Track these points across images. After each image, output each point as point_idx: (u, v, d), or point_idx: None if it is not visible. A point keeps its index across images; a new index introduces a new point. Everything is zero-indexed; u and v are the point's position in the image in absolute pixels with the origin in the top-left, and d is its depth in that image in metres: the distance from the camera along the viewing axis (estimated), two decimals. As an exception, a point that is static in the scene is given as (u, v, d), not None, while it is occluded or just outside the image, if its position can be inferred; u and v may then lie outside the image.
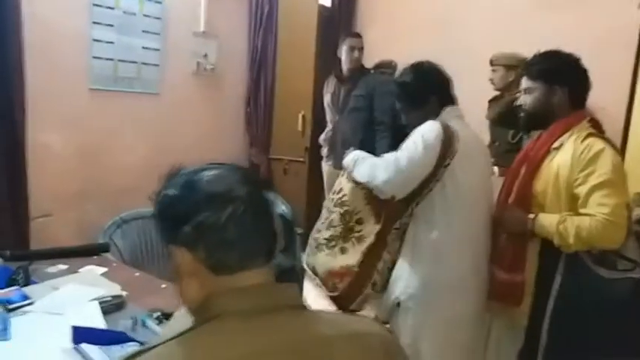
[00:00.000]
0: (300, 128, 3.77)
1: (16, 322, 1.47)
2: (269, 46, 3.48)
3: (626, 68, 3.01)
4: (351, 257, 1.75)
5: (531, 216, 1.61)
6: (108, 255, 2.26)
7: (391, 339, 0.79)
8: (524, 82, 1.72)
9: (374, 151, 3.24)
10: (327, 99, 3.49)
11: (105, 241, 2.50)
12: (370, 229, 1.75)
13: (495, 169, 2.97)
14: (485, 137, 3.16)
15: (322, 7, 3.87)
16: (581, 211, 1.51)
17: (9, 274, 1.77)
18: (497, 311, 1.82)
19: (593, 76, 1.69)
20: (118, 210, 2.70)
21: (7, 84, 2.23)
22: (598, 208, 1.47)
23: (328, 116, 3.49)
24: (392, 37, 3.91)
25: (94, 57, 2.62)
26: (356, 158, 1.83)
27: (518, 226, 1.65)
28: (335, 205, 1.84)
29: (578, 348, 1.55)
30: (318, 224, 1.89)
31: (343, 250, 1.78)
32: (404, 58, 3.65)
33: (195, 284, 0.72)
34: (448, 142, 1.66)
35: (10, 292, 1.65)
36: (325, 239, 1.81)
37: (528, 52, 2.40)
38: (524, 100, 1.72)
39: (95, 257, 2.14)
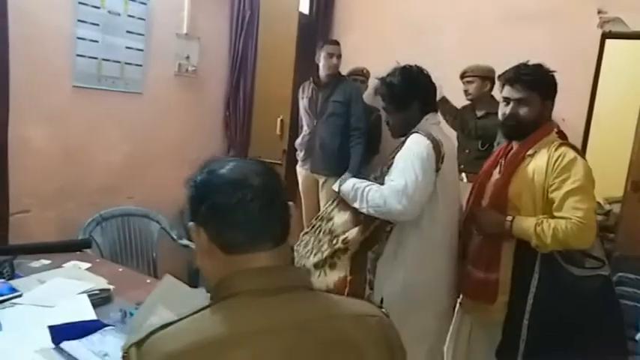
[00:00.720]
0: (278, 132, 3.85)
1: (6, 313, 1.50)
2: (249, 50, 3.55)
3: (586, 82, 3.21)
4: (342, 269, 1.79)
5: (509, 218, 1.69)
6: (88, 251, 2.29)
7: (388, 322, 0.87)
8: (517, 92, 1.72)
9: (349, 156, 3.38)
10: (303, 104, 3.58)
11: (85, 236, 2.53)
12: (355, 239, 1.79)
13: (463, 175, 3.12)
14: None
15: (301, 15, 3.97)
16: (557, 214, 1.61)
17: (-7, 268, 1.79)
18: (469, 308, 1.91)
19: (562, 84, 1.81)
20: (98, 207, 2.73)
21: (-10, 78, 2.23)
22: (573, 212, 1.58)
23: (304, 121, 3.59)
24: (368, 44, 4.03)
25: (78, 55, 2.63)
26: (356, 188, 1.80)
27: (495, 228, 1.73)
28: (324, 234, 1.87)
29: (557, 341, 1.63)
30: (301, 250, 1.90)
31: (332, 266, 1.81)
32: (379, 65, 3.78)
33: (212, 262, 0.81)
34: (438, 155, 1.75)
35: (-3, 285, 1.67)
36: (313, 264, 1.83)
37: (497, 63, 2.56)
38: (517, 109, 1.73)
39: (77, 253, 2.17)
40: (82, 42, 2.63)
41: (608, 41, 3.18)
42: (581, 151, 1.75)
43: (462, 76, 3.17)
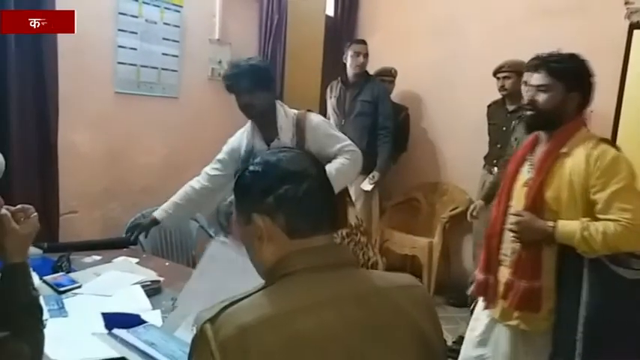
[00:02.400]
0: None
1: (70, 302, 1.63)
2: (278, 52, 3.65)
3: (615, 73, 3.21)
4: None
5: (550, 224, 1.58)
6: (133, 248, 2.42)
7: (428, 293, 0.96)
8: (540, 78, 1.63)
9: (376, 154, 3.45)
10: (331, 103, 3.67)
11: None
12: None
13: (495, 169, 3.15)
14: (485, 139, 3.35)
15: (327, 17, 4.06)
16: (602, 216, 1.51)
17: (52, 263, 1.93)
18: (510, 318, 1.71)
19: None
20: (139, 207, 2.85)
21: (43, 88, 2.37)
22: (620, 214, 1.48)
23: (332, 120, 3.67)
24: (392, 45, 4.09)
25: (119, 62, 2.77)
26: None
27: (537, 235, 1.61)
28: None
29: (615, 347, 1.54)
30: None
31: None
32: (403, 65, 3.88)
33: (272, 247, 0.87)
34: None
35: (58, 277, 1.81)
36: None
37: (526, 59, 2.61)
38: (536, 96, 1.63)
39: (125, 249, 2.30)
40: (122, 50, 2.78)
41: (635, 32, 3.17)
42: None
43: (498, 71, 3.14)
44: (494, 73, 3.18)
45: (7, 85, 2.24)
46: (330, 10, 4.16)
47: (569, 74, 1.60)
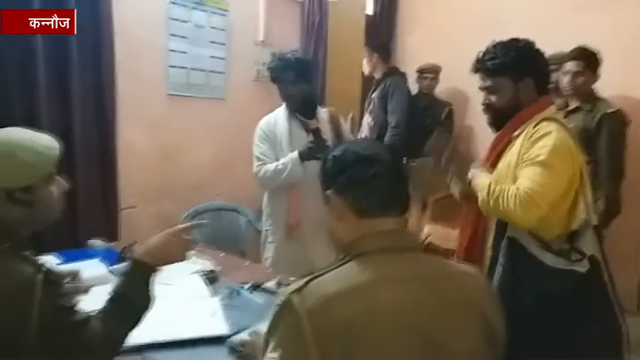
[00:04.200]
0: (349, 128, 4.01)
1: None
2: (319, 52, 3.74)
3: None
4: None
5: (478, 170, 1.56)
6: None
7: (489, 282, 1.02)
8: (483, 81, 1.60)
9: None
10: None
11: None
12: None
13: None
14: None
15: (367, 16, 4.11)
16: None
17: (117, 254, 2.06)
18: None
19: (626, 72, 1.73)
20: (191, 203, 3.00)
21: (102, 90, 2.52)
22: (523, 181, 1.39)
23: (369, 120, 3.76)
24: (432, 42, 4.10)
25: (170, 66, 2.92)
26: None
27: (466, 179, 1.60)
28: None
29: (515, 342, 1.32)
30: None
31: None
32: (444, 61, 3.89)
33: (344, 227, 0.97)
34: None
35: (123, 267, 1.94)
36: None
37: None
38: (489, 98, 1.60)
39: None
40: (173, 54, 2.92)
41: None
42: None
43: None
44: None
45: (70, 90, 2.40)
46: (369, 10, 4.21)
47: (510, 66, 1.53)
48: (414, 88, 3.80)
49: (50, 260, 1.88)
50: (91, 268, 1.85)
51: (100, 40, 2.48)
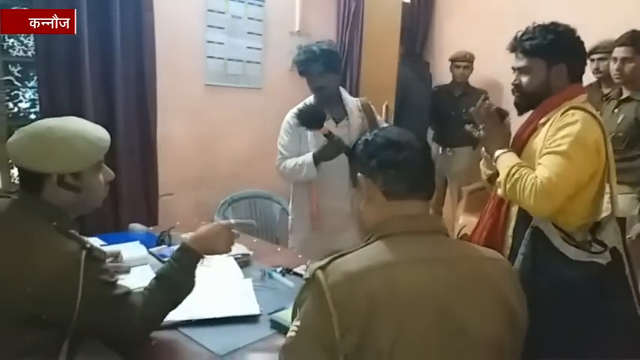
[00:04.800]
0: (383, 117, 4.00)
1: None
2: (355, 41, 3.74)
3: None
4: None
5: (505, 149, 1.52)
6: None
7: (512, 268, 1.03)
8: (517, 60, 1.57)
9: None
10: None
11: (219, 217, 2.88)
12: None
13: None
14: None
15: (404, 4, 4.07)
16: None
17: (156, 238, 2.15)
18: None
19: None
20: (227, 191, 3.08)
21: (143, 82, 2.62)
22: (541, 170, 1.37)
23: None
24: (468, 29, 4.04)
25: (208, 56, 2.99)
26: None
27: (491, 140, 1.57)
28: None
29: (532, 332, 1.28)
30: None
31: None
32: (480, 49, 3.81)
33: (372, 209, 1.02)
34: None
35: (162, 249, 2.03)
36: None
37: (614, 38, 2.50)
38: (519, 79, 1.58)
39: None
40: (211, 45, 2.99)
41: None
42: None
43: (592, 52, 2.90)
44: (588, 55, 2.98)
45: (113, 82, 2.50)
46: (406, -3, 4.17)
47: (547, 48, 1.50)
48: (447, 77, 3.76)
49: (94, 242, 1.98)
50: (131, 250, 1.94)
51: (141, 33, 2.57)
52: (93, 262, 1.18)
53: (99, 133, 1.31)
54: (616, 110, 2.59)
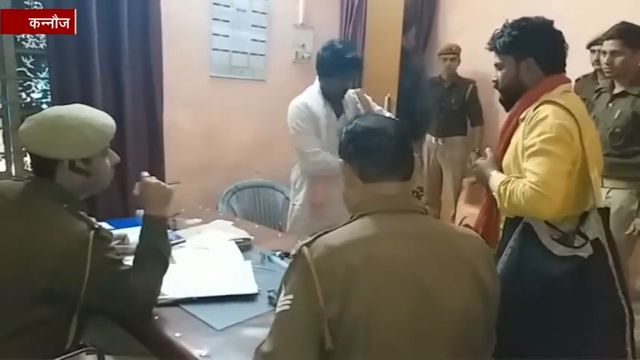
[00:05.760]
0: (386, 108, 4.06)
1: (177, 253, 1.91)
2: (358, 34, 3.80)
3: None
4: None
5: (490, 173, 1.56)
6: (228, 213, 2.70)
7: (486, 245, 1.11)
8: (494, 58, 1.62)
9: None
10: None
11: (223, 205, 2.97)
12: None
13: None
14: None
15: (407, -4, 4.11)
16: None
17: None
18: None
19: None
20: (232, 180, 3.17)
21: (150, 73, 2.70)
22: (529, 176, 1.39)
23: None
24: (472, 21, 4.05)
25: (213, 49, 3.07)
26: None
27: (484, 181, 1.60)
28: None
29: (516, 325, 1.31)
30: None
31: None
32: (484, 42, 3.82)
33: (353, 191, 1.12)
34: None
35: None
36: None
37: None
38: (497, 75, 1.63)
39: (221, 214, 2.60)
40: (216, 37, 3.07)
41: None
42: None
43: (594, 43, 2.92)
44: (589, 46, 2.97)
45: (121, 72, 2.58)
46: (410, -10, 4.20)
47: (512, 45, 1.54)
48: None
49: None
50: (137, 234, 2.02)
51: (148, 26, 2.64)
52: (100, 240, 1.27)
53: (105, 120, 1.41)
54: (611, 105, 2.58)
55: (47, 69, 2.48)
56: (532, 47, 1.53)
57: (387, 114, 2.73)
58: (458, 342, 0.99)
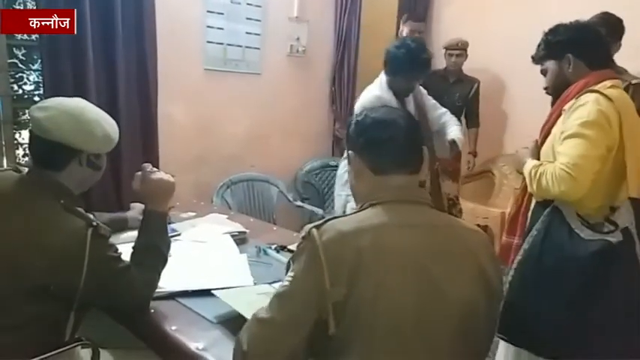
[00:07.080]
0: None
1: (172, 246, 1.88)
2: (353, 28, 3.78)
3: None
4: None
5: (528, 159, 1.61)
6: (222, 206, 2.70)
7: (489, 241, 1.12)
8: (540, 66, 1.72)
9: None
10: None
11: (217, 198, 2.97)
12: None
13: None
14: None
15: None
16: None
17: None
18: None
19: None
20: (227, 173, 3.16)
21: (144, 65, 2.67)
22: (560, 157, 1.43)
23: None
24: (467, 16, 4.05)
25: (208, 41, 3.05)
26: None
27: (519, 166, 1.67)
28: None
29: (535, 302, 1.44)
30: None
31: None
32: (479, 36, 3.85)
33: (362, 182, 1.12)
34: None
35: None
36: None
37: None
38: (546, 81, 1.71)
39: (215, 207, 2.59)
40: (210, 30, 3.05)
41: None
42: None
43: None
44: None
45: (115, 64, 2.56)
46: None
47: (549, 46, 1.65)
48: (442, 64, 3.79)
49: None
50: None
51: (142, 18, 2.61)
52: (98, 238, 1.26)
53: (110, 118, 1.42)
54: None
55: (39, 60, 2.45)
56: (567, 44, 1.60)
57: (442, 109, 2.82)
58: (459, 332, 1.00)
